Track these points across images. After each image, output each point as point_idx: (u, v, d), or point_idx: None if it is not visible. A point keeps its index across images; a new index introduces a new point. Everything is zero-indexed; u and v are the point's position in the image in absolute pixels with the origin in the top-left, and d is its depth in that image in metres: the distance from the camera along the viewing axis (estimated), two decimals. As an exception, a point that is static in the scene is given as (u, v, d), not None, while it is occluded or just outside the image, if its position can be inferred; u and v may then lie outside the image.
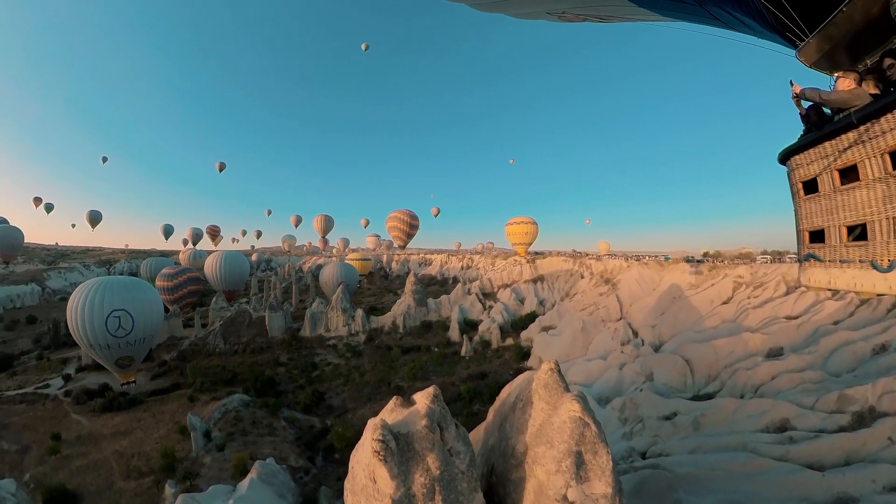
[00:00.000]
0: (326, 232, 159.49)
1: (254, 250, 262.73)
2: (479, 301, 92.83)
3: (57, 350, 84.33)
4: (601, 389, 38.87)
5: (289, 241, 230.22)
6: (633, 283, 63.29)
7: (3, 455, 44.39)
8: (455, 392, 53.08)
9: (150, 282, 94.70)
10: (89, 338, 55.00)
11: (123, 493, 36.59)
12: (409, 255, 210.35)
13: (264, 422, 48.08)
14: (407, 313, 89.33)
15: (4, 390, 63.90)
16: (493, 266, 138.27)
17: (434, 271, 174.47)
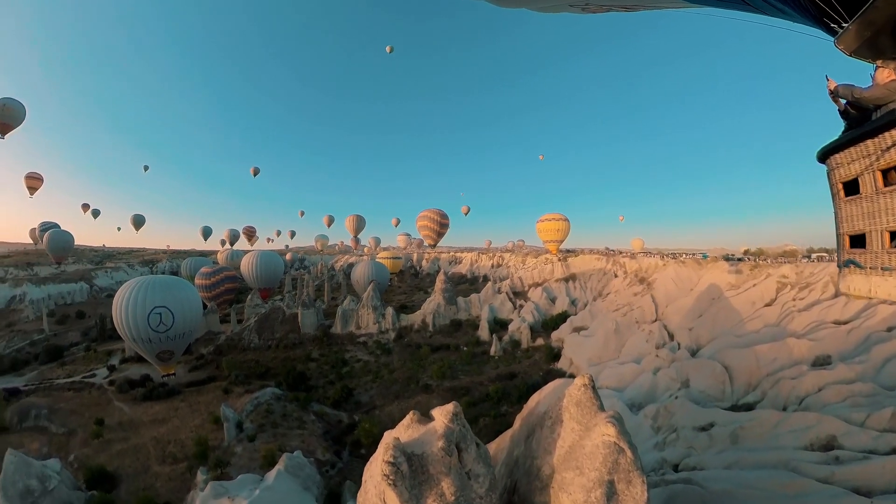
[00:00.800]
0: (358, 231, 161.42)
1: (288, 250, 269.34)
2: (509, 300, 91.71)
3: (103, 343, 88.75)
4: (634, 395, 37.16)
5: (321, 240, 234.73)
6: (669, 282, 60.41)
7: (51, 437, 47.33)
8: (483, 392, 52.50)
9: (189, 280, 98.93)
10: (132, 332, 57.52)
11: (158, 476, 38.25)
12: (440, 253, 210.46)
13: (294, 415, 48.88)
14: (436, 312, 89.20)
15: (55, 378, 67.90)
16: (524, 264, 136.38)
17: (464, 269, 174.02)
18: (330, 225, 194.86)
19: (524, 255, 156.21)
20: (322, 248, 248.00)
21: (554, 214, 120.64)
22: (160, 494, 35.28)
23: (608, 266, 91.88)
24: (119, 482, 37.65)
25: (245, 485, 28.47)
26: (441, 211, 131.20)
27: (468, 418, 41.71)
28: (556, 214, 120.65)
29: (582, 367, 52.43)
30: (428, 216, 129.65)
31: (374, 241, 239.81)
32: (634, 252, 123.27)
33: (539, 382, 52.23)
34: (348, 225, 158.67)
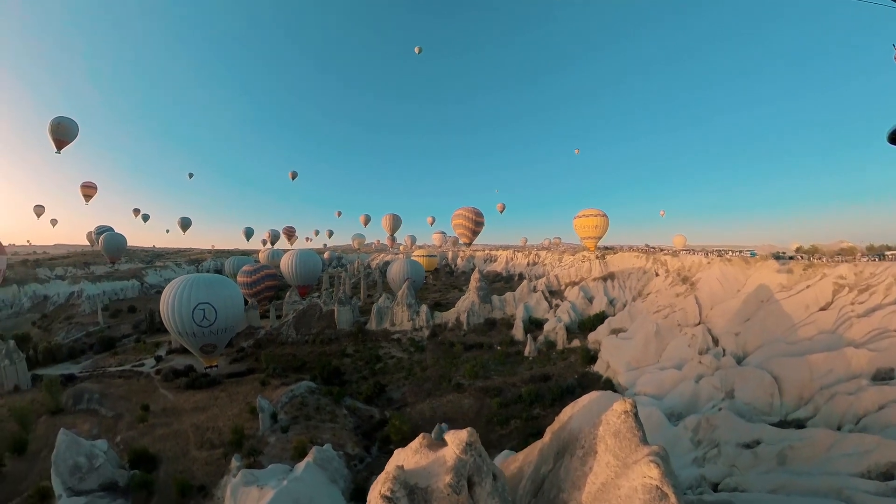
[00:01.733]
0: (394, 230, 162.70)
1: (326, 248, 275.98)
2: (545, 299, 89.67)
3: (152, 335, 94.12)
4: (673, 403, 34.78)
5: (358, 239, 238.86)
6: (715, 282, 56.54)
7: (101, 419, 50.81)
8: (516, 393, 51.43)
9: (232, 278, 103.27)
10: (178, 326, 60.28)
11: (196, 460, 40.00)
12: (475, 251, 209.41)
13: (327, 409, 49.72)
14: (471, 310, 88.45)
15: (107, 366, 72.50)
16: (561, 262, 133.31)
17: (499, 268, 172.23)
18: (367, 224, 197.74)
19: (561, 252, 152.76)
20: (359, 247, 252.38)
21: (591, 210, 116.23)
22: (196, 477, 36.80)
23: (648, 264, 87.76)
24: (159, 464, 39.69)
25: (274, 474, 28.98)
26: (476, 209, 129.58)
27: (499, 420, 40.78)
28: (593, 210, 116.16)
29: (619, 372, 50.13)
30: (463, 214, 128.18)
31: (409, 239, 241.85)
32: (676, 249, 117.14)
33: (574, 386, 50.83)
34: (385, 224, 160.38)
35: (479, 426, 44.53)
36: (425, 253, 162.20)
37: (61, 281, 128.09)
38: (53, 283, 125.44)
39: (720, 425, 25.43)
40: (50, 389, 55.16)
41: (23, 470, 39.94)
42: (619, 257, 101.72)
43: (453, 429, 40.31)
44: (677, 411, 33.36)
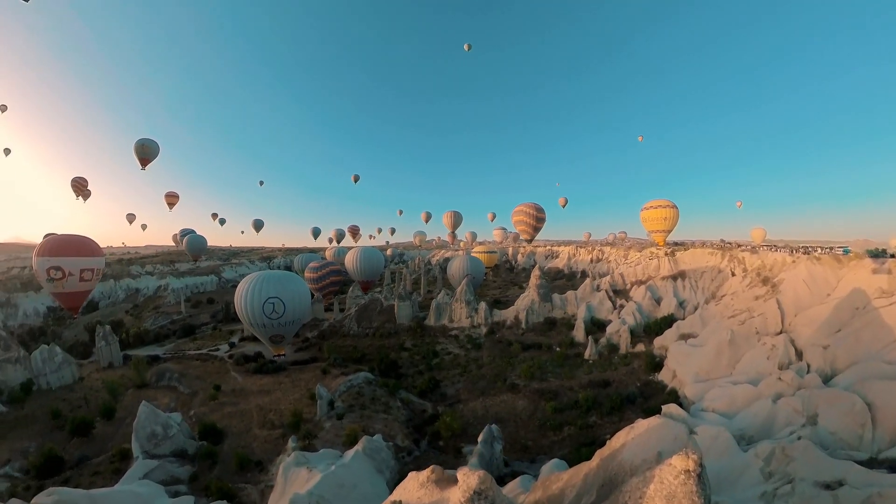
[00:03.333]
0: (455, 227, 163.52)
1: (388, 245, 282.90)
2: (608, 299, 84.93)
3: (227, 324, 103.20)
4: (745, 425, 30.43)
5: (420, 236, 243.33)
6: (801, 284, 49.29)
7: (178, 395, 56.51)
8: (572, 398, 48.90)
9: (300, 274, 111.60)
10: (250, 318, 64.38)
11: (256, 438, 43.07)
12: (536, 247, 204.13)
13: (382, 400, 50.54)
14: (530, 308, 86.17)
15: (187, 350, 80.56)
16: (626, 259, 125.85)
17: (561, 264, 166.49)
18: (428, 221, 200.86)
19: (626, 248, 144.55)
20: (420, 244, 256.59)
21: (660, 201, 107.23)
22: (255, 453, 39.56)
23: (724, 262, 79.52)
24: (224, 438, 43.30)
25: (325, 458, 29.83)
26: (537, 205, 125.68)
27: (552, 425, 39.16)
28: (662, 201, 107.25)
29: (686, 383, 45.70)
30: (524, 210, 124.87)
31: (470, 235, 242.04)
32: (755, 245, 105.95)
33: (635, 395, 47.48)
34: (446, 221, 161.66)
35: (531, 430, 43.10)
36: (485, 249, 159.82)
37: (150, 276, 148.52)
38: (144, 279, 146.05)
39: (797, 457, 21.30)
40: (137, 367, 62.97)
41: (110, 432, 46.11)
42: (690, 254, 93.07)
43: (504, 431, 38.90)
44: (748, 434, 29.17)
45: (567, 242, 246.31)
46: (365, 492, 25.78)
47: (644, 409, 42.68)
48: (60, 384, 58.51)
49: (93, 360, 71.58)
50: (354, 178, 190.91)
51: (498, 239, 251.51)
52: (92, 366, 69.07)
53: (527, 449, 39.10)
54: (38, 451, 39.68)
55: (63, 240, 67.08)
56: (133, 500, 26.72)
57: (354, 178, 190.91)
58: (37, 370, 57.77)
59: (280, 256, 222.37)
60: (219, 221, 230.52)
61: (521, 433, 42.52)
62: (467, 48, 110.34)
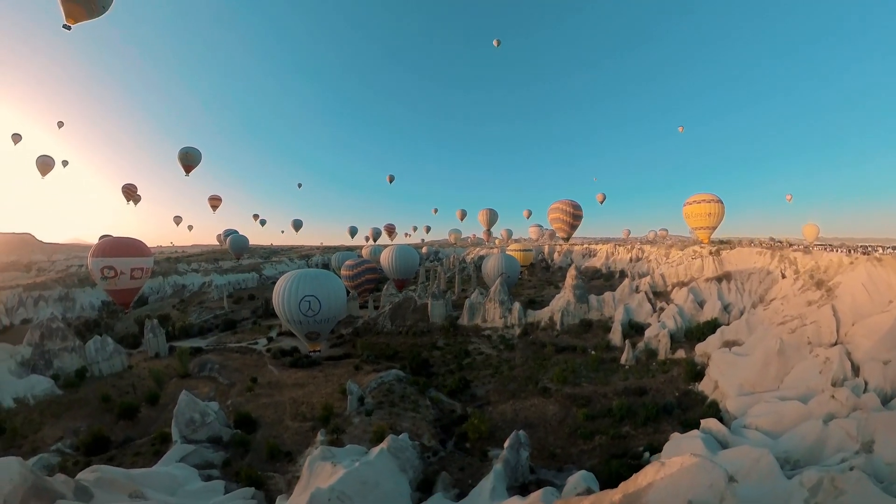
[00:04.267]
0: (491, 224, 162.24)
1: (424, 243, 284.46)
2: (648, 301, 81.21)
3: (266, 319, 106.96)
4: (790, 447, 27.18)
5: (455, 234, 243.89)
6: (859, 289, 44.50)
7: (217, 385, 59.23)
8: (605, 406, 46.98)
9: (337, 271, 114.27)
10: (287, 315, 66.19)
11: (288, 429, 44.62)
12: (573, 245, 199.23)
13: (411, 398, 50.55)
14: (565, 309, 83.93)
15: (228, 343, 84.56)
16: (668, 258, 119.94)
17: (599, 263, 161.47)
18: (463, 219, 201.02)
19: (668, 246, 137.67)
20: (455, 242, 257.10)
21: (704, 195, 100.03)
22: (286, 444, 41.05)
23: (773, 262, 73.84)
24: (258, 427, 45.16)
25: (350, 454, 30.15)
26: (574, 202, 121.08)
27: (583, 433, 38.62)
28: (706, 195, 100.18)
29: (728, 395, 42.22)
30: (560, 208, 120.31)
31: (506, 233, 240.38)
32: (808, 243, 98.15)
33: (672, 405, 44.80)
34: (481, 218, 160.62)
35: (561, 437, 41.75)
36: (521, 247, 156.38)
37: (196, 273, 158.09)
38: (189, 275, 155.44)
39: (849, 490, 18.31)
40: (181, 358, 66.23)
41: (153, 417, 49.70)
42: (736, 253, 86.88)
43: (533, 436, 37.90)
44: (794, 458, 26.20)
45: (605, 240, 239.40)
46: (387, 490, 25.79)
47: (681, 422, 40.33)
48: (111, 371, 62.80)
49: (141, 351, 76.10)
50: (389, 178, 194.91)
51: (534, 236, 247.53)
52: (140, 355, 73.50)
53: (555, 457, 37.86)
54: (87, 431, 43.43)
55: (115, 242, 72.24)
56: (168, 480, 28.58)
57: (389, 178, 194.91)
58: (90, 358, 62.32)
59: (318, 254, 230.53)
60: (259, 222, 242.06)
61: (549, 440, 41.29)
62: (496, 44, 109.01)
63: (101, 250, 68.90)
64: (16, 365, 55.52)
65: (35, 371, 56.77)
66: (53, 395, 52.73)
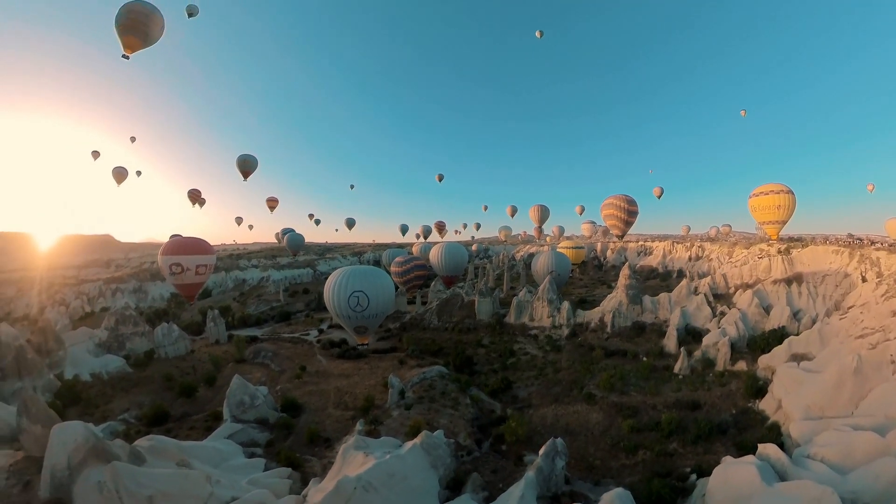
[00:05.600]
0: (542, 221, 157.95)
1: (474, 241, 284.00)
2: (707, 304, 75.52)
3: (318, 312, 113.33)
4: (860, 487, 22.92)
5: (505, 231, 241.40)
6: None
7: (269, 372, 63.09)
8: (653, 418, 43.30)
9: (388, 268, 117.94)
10: (337, 309, 68.20)
11: (330, 416, 46.79)
12: (627, 242, 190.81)
13: (452, 395, 50.57)
14: (617, 311, 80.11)
15: (281, 333, 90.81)
16: (731, 257, 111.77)
17: (655, 262, 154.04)
18: (513, 215, 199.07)
19: (731, 244, 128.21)
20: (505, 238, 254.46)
21: (773, 185, 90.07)
22: (326, 431, 42.99)
23: (852, 263, 65.80)
24: (302, 413, 47.67)
25: (383, 446, 30.39)
26: (629, 197, 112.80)
27: (626, 446, 36.47)
28: (775, 185, 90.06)
29: (792, 417, 36.79)
30: (614, 203, 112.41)
31: (557, 229, 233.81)
32: (893, 241, 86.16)
33: (727, 424, 40.45)
34: (532, 215, 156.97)
35: (602, 448, 39.23)
36: (572, 245, 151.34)
37: (255, 269, 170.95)
38: (249, 271, 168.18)
39: None
40: (238, 345, 71.78)
41: (209, 397, 53.73)
42: (809, 252, 78.05)
43: (572, 444, 36.37)
44: (864, 501, 22.17)
45: (662, 237, 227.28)
46: (414, 485, 25.77)
47: (736, 443, 36.51)
48: (175, 354, 68.29)
49: (203, 337, 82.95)
50: (439, 177, 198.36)
51: (587, 233, 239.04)
52: (202, 342, 79.95)
53: (593, 469, 35.68)
54: (150, 405, 48.31)
55: (182, 241, 78.35)
56: (214, 454, 30.71)
57: (439, 177, 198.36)
58: (158, 342, 68.39)
59: (370, 251, 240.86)
60: (314, 221, 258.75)
61: (589, 450, 38.99)
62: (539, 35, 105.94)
63: (169, 249, 74.84)
64: (94, 345, 62.93)
65: (110, 351, 63.65)
66: (124, 372, 58.79)
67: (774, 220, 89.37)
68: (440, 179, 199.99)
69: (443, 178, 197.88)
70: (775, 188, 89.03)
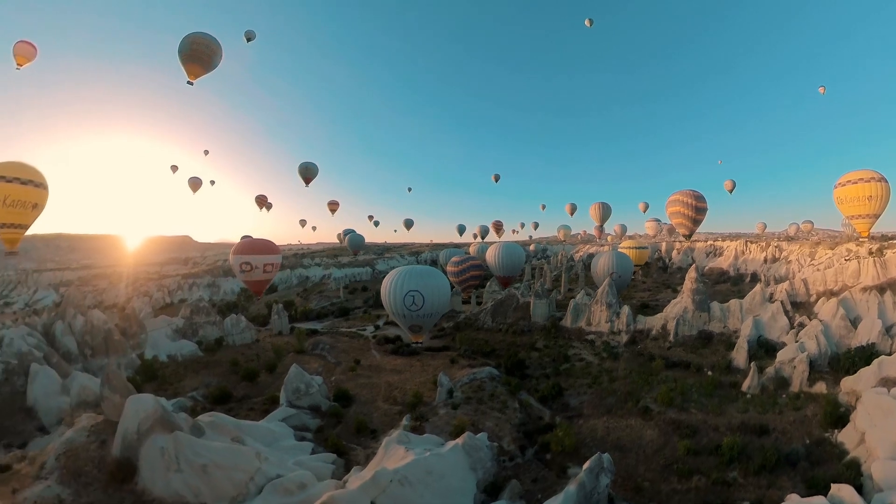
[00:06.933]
0: (604, 220, 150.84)
1: (532, 240, 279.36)
2: (784, 314, 67.56)
3: (376, 309, 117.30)
4: None
5: (564, 230, 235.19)
6: None
7: (325, 363, 66.86)
8: (713, 440, 38.64)
9: (444, 267, 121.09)
10: (392, 307, 70.24)
11: (378, 409, 49.21)
12: (695, 242, 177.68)
13: (500, 398, 50.13)
14: (682, 318, 74.46)
15: (340, 328, 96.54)
16: (812, 259, 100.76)
17: (725, 264, 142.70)
18: (573, 214, 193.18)
19: (813, 243, 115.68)
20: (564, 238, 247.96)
21: (862, 172, 77.40)
22: (373, 422, 45.17)
23: None
24: (352, 403, 50.47)
25: (425, 443, 31.02)
26: (696, 192, 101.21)
27: (680, 470, 34.25)
28: (865, 172, 77.32)
29: (876, 455, 30.67)
30: (680, 200, 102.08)
31: (619, 228, 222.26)
32: None
33: (798, 456, 34.87)
34: (592, 213, 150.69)
35: (653, 468, 35.90)
36: (635, 244, 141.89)
37: (318, 267, 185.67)
38: (312, 269, 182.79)
39: None
40: (299, 337, 77.26)
41: (269, 382, 57.53)
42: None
43: (621, 461, 34.70)
44: None
45: (734, 236, 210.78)
46: (451, 485, 25.94)
47: (806, 480, 31.57)
48: (242, 343, 75.06)
49: (268, 329, 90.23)
50: (495, 177, 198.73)
51: (651, 232, 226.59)
52: (266, 332, 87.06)
53: (640, 491, 32.59)
54: (216, 386, 53.47)
55: (251, 242, 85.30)
56: (267, 434, 33.75)
57: (495, 177, 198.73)
58: (227, 331, 76.10)
59: (427, 251, 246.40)
60: (374, 223, 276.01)
61: (639, 469, 35.81)
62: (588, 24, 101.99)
63: (240, 249, 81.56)
64: (171, 331, 71.41)
65: (184, 337, 71.91)
66: (196, 356, 66.55)
67: (865, 213, 77.04)
68: (496, 179, 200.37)
69: (499, 178, 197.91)
70: (866, 175, 76.01)
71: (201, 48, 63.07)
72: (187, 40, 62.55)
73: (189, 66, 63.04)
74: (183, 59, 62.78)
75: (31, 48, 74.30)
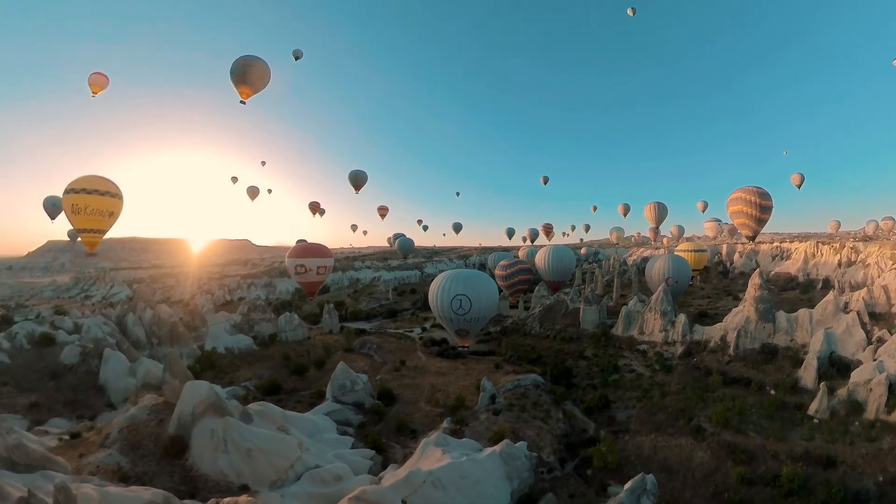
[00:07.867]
0: (660, 221, 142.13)
1: (583, 243, 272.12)
2: (861, 326, 60.20)
3: (423, 311, 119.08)
4: None
5: (616, 232, 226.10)
6: None
7: (371, 362, 69.23)
8: (771, 469, 34.39)
9: (493, 271, 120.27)
10: (439, 311, 70.78)
11: (420, 410, 50.05)
12: (759, 243, 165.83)
13: (544, 407, 48.95)
14: (743, 328, 68.02)
15: (388, 328, 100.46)
16: (895, 262, 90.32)
17: (794, 268, 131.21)
18: (626, 214, 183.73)
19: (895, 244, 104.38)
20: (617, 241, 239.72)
21: None
22: (414, 422, 45.99)
23: None
24: (395, 403, 51.78)
25: (462, 447, 30.90)
26: (760, 189, 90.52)
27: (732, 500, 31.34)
28: None
29: None
30: (742, 197, 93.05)
31: (676, 230, 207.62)
32: None
33: (869, 495, 30.14)
34: (647, 214, 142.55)
35: (701, 495, 32.65)
36: (693, 247, 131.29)
37: (368, 270, 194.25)
38: (363, 271, 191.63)
39: None
40: (348, 336, 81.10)
41: (317, 377, 60.49)
42: None
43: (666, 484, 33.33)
44: None
45: (804, 237, 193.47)
46: (484, 492, 25.80)
47: None
48: (294, 339, 79.22)
49: (319, 327, 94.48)
50: (544, 179, 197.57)
51: (710, 234, 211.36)
52: (317, 330, 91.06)
53: None
54: (268, 378, 57.23)
55: (306, 246, 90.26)
56: (311, 425, 35.94)
57: (544, 179, 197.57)
58: (280, 328, 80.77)
59: (475, 255, 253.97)
60: (422, 227, 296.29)
61: (685, 494, 32.71)
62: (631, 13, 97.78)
63: (295, 252, 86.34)
64: (230, 326, 77.85)
65: (241, 332, 77.60)
66: (251, 349, 70.73)
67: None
68: (545, 182, 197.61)
69: (548, 180, 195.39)
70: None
71: (249, 70, 67.56)
72: (237, 63, 67.64)
73: (241, 87, 68.04)
74: (235, 81, 67.78)
75: (103, 78, 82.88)
